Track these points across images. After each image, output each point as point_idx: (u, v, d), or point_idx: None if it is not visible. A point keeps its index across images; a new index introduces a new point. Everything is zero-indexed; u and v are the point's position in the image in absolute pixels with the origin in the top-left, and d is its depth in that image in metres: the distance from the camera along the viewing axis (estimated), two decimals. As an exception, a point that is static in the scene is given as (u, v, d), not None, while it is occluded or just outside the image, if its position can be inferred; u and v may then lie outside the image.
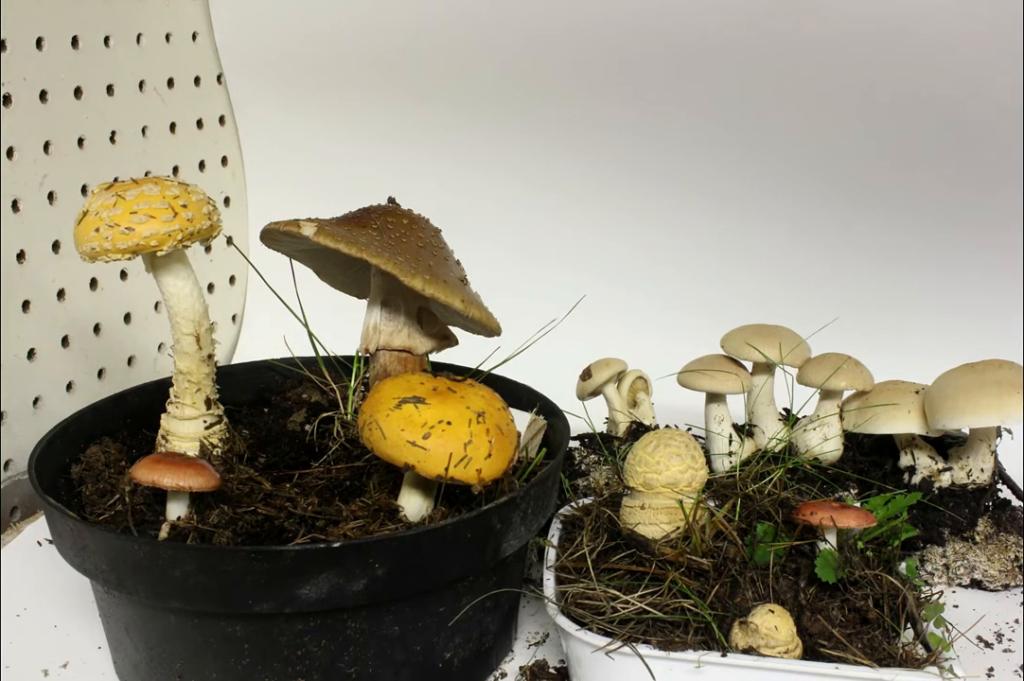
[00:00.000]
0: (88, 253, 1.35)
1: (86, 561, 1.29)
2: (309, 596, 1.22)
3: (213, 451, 1.46)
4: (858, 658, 1.24)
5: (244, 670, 1.30)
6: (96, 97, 2.04)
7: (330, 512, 1.33)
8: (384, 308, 1.49)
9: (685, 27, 2.19)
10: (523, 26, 2.25)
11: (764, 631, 1.23)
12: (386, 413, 1.29)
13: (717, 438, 1.77)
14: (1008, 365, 1.64)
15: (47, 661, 1.50)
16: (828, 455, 1.75)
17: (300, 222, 1.39)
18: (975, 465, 1.69)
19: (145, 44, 2.17)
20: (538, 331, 1.66)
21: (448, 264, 1.48)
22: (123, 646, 1.40)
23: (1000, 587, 1.66)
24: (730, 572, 1.33)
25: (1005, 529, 1.67)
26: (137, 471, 1.30)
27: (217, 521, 1.31)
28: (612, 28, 2.22)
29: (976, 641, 1.53)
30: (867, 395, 1.73)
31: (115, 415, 1.60)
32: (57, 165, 1.95)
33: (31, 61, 1.87)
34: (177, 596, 1.24)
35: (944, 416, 1.60)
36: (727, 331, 1.80)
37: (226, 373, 1.65)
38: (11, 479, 1.92)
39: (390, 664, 1.33)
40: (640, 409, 1.86)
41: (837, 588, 1.34)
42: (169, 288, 1.41)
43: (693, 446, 1.38)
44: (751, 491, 1.51)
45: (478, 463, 1.27)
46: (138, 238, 1.32)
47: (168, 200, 1.34)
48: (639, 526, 1.38)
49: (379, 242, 1.40)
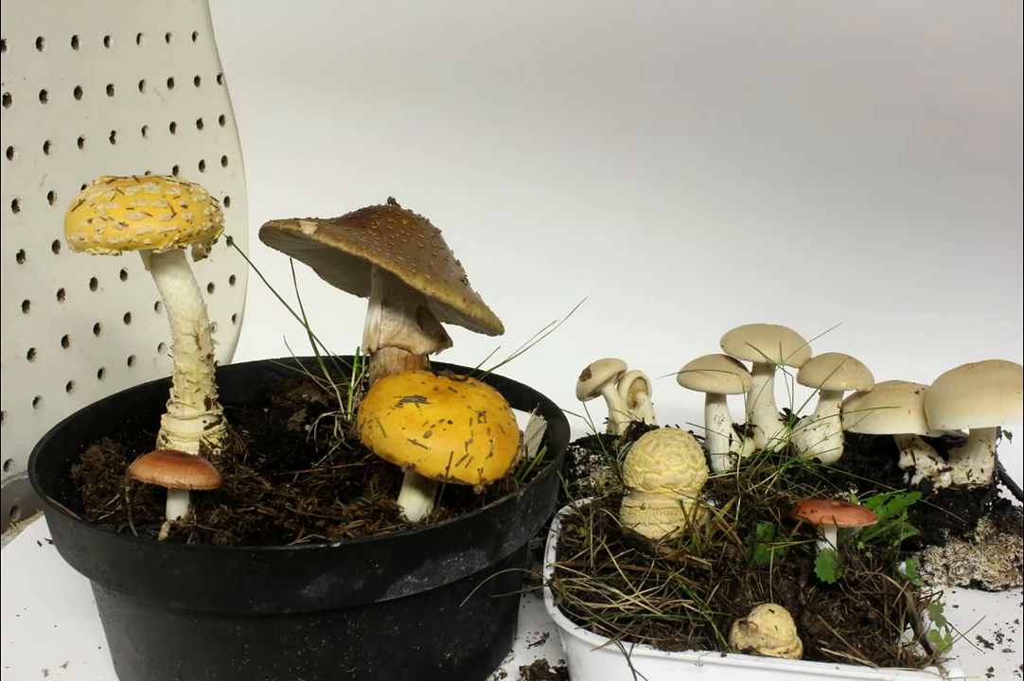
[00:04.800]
0: (75, 243, 1.33)
1: (86, 561, 1.29)
2: (309, 596, 1.22)
3: (213, 451, 1.46)
4: (858, 658, 1.24)
5: (244, 670, 1.30)
6: (96, 97, 2.04)
7: (330, 512, 1.33)
8: (385, 308, 1.49)
9: (689, 28, 2.19)
10: (526, 24, 2.25)
11: (764, 631, 1.23)
12: (387, 411, 1.29)
13: (717, 438, 1.77)
14: (1008, 365, 1.64)
15: (47, 661, 1.50)
16: (828, 455, 1.75)
17: (300, 221, 1.38)
18: (975, 465, 1.69)
19: (145, 44, 2.17)
20: (539, 332, 1.66)
21: (448, 264, 1.48)
22: (123, 646, 1.39)
23: (1000, 587, 1.66)
24: (730, 572, 1.33)
25: (1005, 529, 1.67)
26: (137, 468, 1.29)
27: (217, 521, 1.31)
28: (618, 28, 2.22)
29: (976, 641, 1.53)
30: (867, 395, 1.73)
31: (115, 415, 1.60)
32: (57, 165, 1.95)
33: (31, 61, 1.87)
34: (177, 596, 1.24)
35: (944, 416, 1.60)
36: (727, 331, 1.80)
37: (226, 373, 1.65)
38: (11, 479, 1.92)
39: (390, 664, 1.33)
40: (640, 409, 1.86)
41: (837, 588, 1.34)
42: (167, 288, 1.41)
43: (693, 446, 1.38)
44: (751, 491, 1.51)
45: (479, 462, 1.27)
46: (131, 235, 1.31)
47: (168, 199, 1.33)
48: (639, 526, 1.38)
49: (379, 242, 1.40)
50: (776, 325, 1.79)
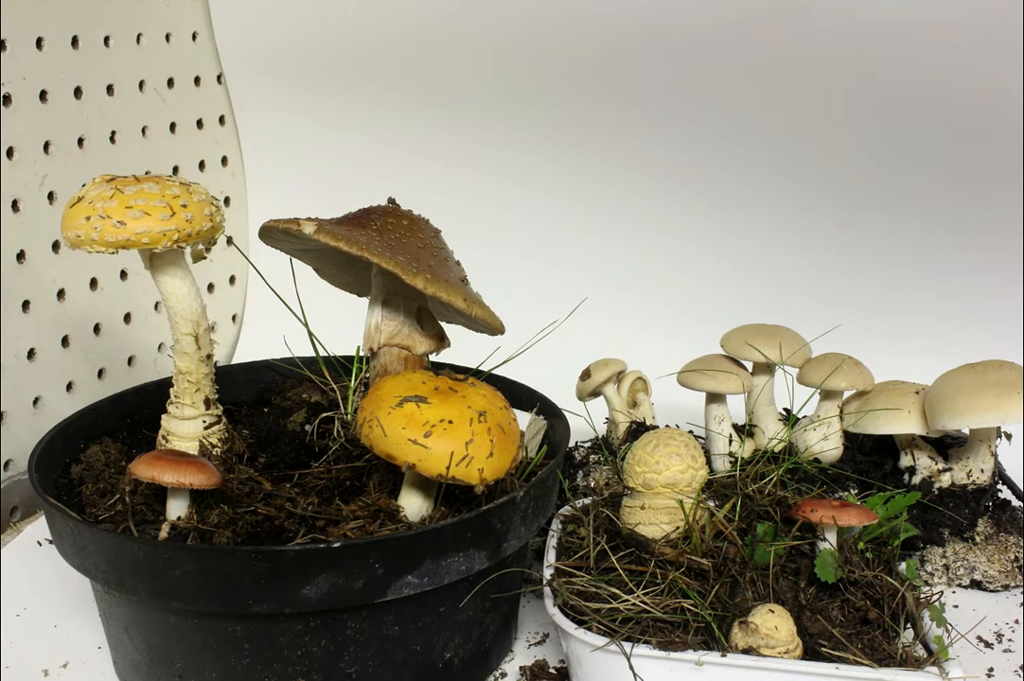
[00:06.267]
0: (72, 240, 1.32)
1: (86, 561, 1.29)
2: (309, 596, 1.22)
3: (213, 451, 1.45)
4: (858, 658, 1.24)
5: (244, 670, 1.30)
6: (96, 97, 2.04)
7: (330, 512, 1.33)
8: (385, 308, 1.49)
9: (685, 28, 2.19)
10: (524, 26, 2.25)
11: (764, 631, 1.23)
12: (387, 411, 1.29)
13: (717, 438, 1.77)
14: (1008, 365, 1.64)
15: (47, 661, 1.50)
16: (828, 454, 1.75)
17: (300, 220, 1.38)
18: (975, 465, 1.69)
19: (145, 44, 2.17)
20: (539, 332, 1.66)
21: (448, 264, 1.48)
22: (123, 646, 1.39)
23: (1000, 588, 1.66)
24: (730, 572, 1.33)
25: (1005, 530, 1.67)
26: (137, 468, 1.29)
27: (217, 521, 1.31)
28: (613, 29, 2.22)
29: (976, 641, 1.53)
30: (867, 395, 1.73)
31: (115, 415, 1.60)
32: (57, 165, 1.95)
33: (31, 61, 1.87)
34: (177, 596, 1.23)
35: (944, 416, 1.60)
36: (727, 331, 1.80)
37: (226, 373, 1.65)
38: (11, 479, 1.92)
39: (390, 664, 1.33)
40: (640, 409, 1.86)
41: (837, 588, 1.33)
42: (167, 287, 1.40)
43: (693, 446, 1.38)
44: (751, 491, 1.51)
45: (480, 462, 1.27)
46: (129, 233, 1.30)
47: (167, 199, 1.33)
48: (639, 526, 1.38)
49: (379, 242, 1.40)
50: (776, 325, 1.79)
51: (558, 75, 2.30)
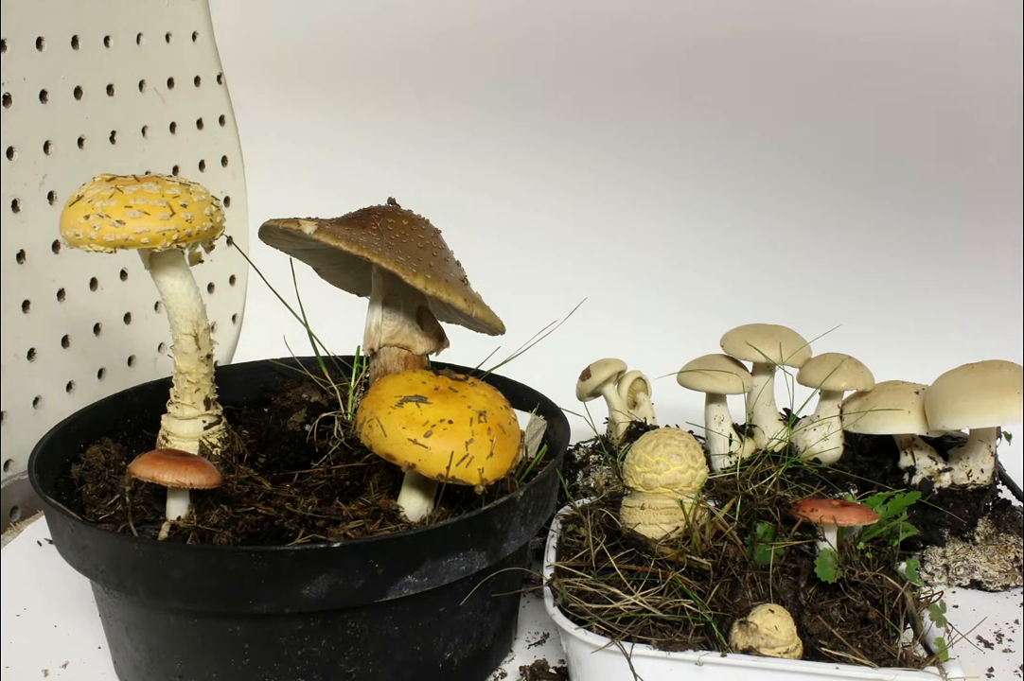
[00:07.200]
0: (70, 238, 1.32)
1: (86, 561, 1.29)
2: (309, 596, 1.22)
3: (213, 451, 1.45)
4: (858, 658, 1.24)
5: (244, 670, 1.30)
6: (96, 97, 2.04)
7: (330, 512, 1.33)
8: (385, 308, 1.49)
9: (691, 26, 2.19)
10: (526, 22, 2.25)
11: (764, 631, 1.23)
12: (387, 411, 1.29)
13: (717, 438, 1.77)
14: (1008, 366, 1.64)
15: (47, 661, 1.50)
16: (828, 454, 1.75)
17: (300, 220, 1.38)
18: (975, 466, 1.69)
19: (145, 44, 2.17)
20: (539, 332, 1.66)
21: (448, 264, 1.48)
22: (123, 646, 1.39)
23: (1000, 588, 1.66)
24: (730, 572, 1.33)
25: (1005, 530, 1.67)
26: (136, 467, 1.29)
27: (217, 521, 1.31)
28: (621, 26, 2.22)
29: (976, 641, 1.53)
30: (867, 395, 1.73)
31: (115, 415, 1.60)
32: (57, 165, 1.95)
33: (31, 61, 1.87)
34: (177, 596, 1.23)
35: (944, 417, 1.60)
36: (727, 331, 1.80)
37: (226, 373, 1.65)
38: (11, 479, 1.92)
39: (390, 664, 1.33)
40: (640, 409, 1.86)
41: (837, 588, 1.33)
42: (167, 287, 1.40)
43: (693, 446, 1.38)
44: (751, 491, 1.51)
45: (480, 462, 1.27)
46: (128, 233, 1.30)
47: (167, 199, 1.33)
48: (639, 526, 1.38)
49: (379, 242, 1.40)
50: (776, 325, 1.79)
51: (563, 71, 2.30)
